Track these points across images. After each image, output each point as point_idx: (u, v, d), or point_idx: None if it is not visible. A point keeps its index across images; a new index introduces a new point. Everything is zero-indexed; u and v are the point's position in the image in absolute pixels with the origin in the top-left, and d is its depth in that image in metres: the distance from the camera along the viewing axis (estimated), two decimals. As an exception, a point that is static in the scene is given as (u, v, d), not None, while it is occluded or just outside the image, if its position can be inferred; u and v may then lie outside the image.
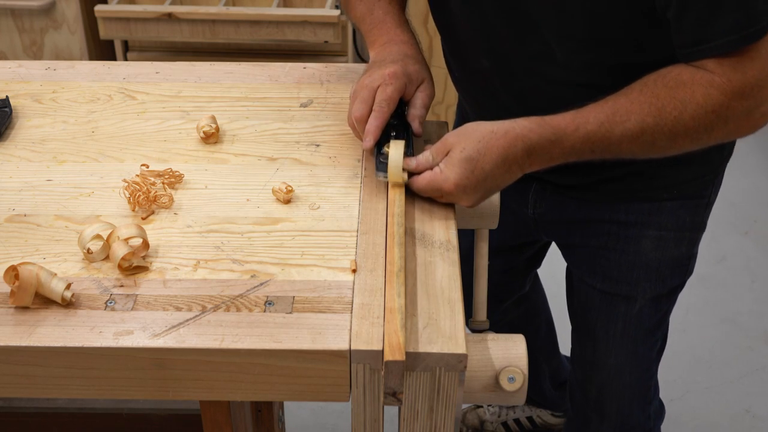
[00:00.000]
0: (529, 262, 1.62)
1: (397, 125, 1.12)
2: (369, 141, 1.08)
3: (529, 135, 1.02)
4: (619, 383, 1.41)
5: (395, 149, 1.06)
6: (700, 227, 1.29)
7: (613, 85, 1.05)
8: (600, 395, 1.44)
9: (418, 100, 1.14)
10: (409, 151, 1.09)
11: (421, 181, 1.05)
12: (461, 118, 1.48)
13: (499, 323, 1.68)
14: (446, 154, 1.04)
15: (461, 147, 1.03)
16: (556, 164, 1.05)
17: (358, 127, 1.11)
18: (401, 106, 1.14)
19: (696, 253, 1.32)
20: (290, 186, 1.09)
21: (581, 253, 1.34)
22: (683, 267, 1.31)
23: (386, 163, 1.07)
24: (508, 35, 1.13)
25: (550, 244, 1.57)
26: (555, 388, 1.87)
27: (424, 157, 1.06)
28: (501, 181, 1.04)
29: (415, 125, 1.13)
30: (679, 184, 1.23)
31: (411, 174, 1.06)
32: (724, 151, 1.24)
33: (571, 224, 1.32)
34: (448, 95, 2.67)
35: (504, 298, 1.66)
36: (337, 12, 2.29)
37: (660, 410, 1.53)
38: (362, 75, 1.14)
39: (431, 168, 1.05)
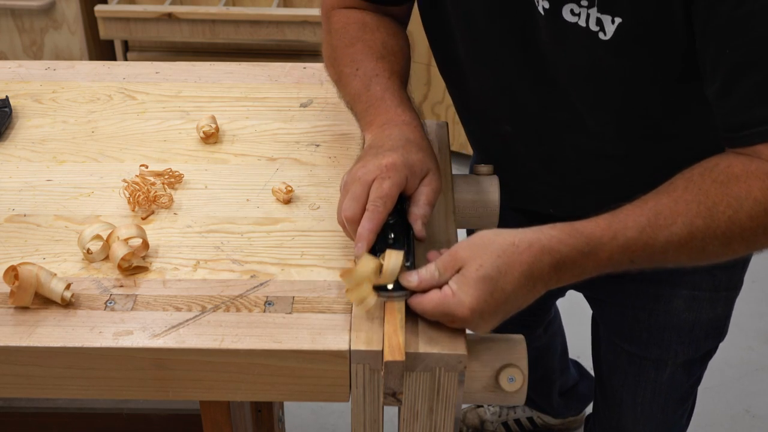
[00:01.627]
0: (558, 294, 1.57)
1: (395, 226, 0.93)
2: (361, 247, 0.89)
3: (558, 247, 0.85)
4: None
5: (393, 260, 0.88)
6: (736, 286, 1.20)
7: (646, 155, 0.98)
8: None
9: (422, 195, 0.94)
10: (410, 260, 0.91)
11: (427, 303, 0.86)
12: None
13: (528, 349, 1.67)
14: (457, 271, 0.86)
15: (477, 263, 0.84)
16: (588, 277, 0.89)
17: (348, 228, 0.93)
18: (401, 202, 0.95)
19: (731, 313, 1.22)
20: (290, 186, 1.09)
21: (608, 310, 1.26)
22: (718, 329, 1.22)
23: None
24: (534, 102, 1.04)
25: None
26: (561, 396, 1.86)
27: (429, 272, 0.87)
28: (522, 302, 0.87)
29: (417, 227, 0.93)
30: None
31: (412, 292, 0.88)
32: None
33: (598, 279, 1.25)
34: (447, 95, 2.66)
35: (536, 327, 1.63)
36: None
37: None
38: (355, 163, 0.96)
39: (438, 286, 0.86)
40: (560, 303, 1.84)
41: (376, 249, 0.91)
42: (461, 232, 1.09)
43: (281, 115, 1.26)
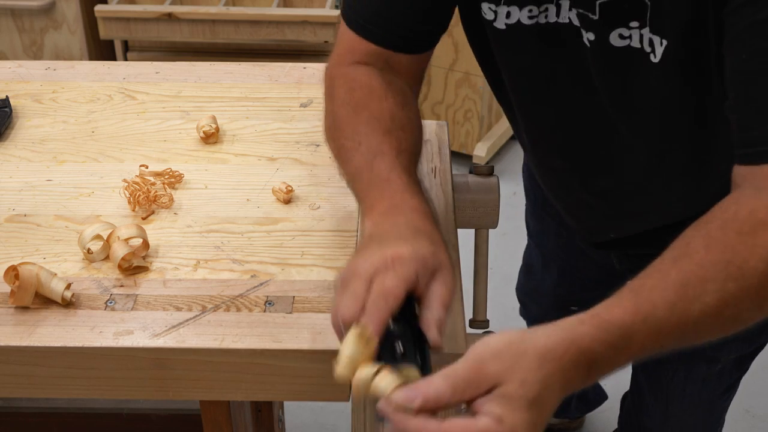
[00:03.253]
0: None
1: (404, 335, 0.76)
2: None
3: (593, 346, 0.72)
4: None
5: (384, 382, 0.70)
6: None
7: (702, 183, 0.97)
8: None
9: (435, 297, 0.78)
10: (426, 371, 0.74)
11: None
12: (530, 180, 1.35)
13: None
14: (489, 390, 0.69)
15: (520, 380, 0.69)
16: (616, 371, 0.76)
17: (345, 332, 0.75)
18: (411, 306, 0.78)
19: None
20: (290, 186, 1.09)
21: None
22: None
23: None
24: (585, 136, 1.01)
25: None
26: (577, 398, 1.85)
27: (439, 388, 0.69)
28: (555, 408, 0.73)
29: (433, 334, 0.76)
30: None
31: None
32: None
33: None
34: (448, 95, 2.67)
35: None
36: (337, 12, 2.29)
37: None
38: (354, 255, 0.83)
39: (457, 407, 0.70)
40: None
41: (382, 356, 0.74)
42: (461, 232, 1.09)
43: (281, 115, 1.26)
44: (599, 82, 0.95)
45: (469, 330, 0.93)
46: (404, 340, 0.75)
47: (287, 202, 1.08)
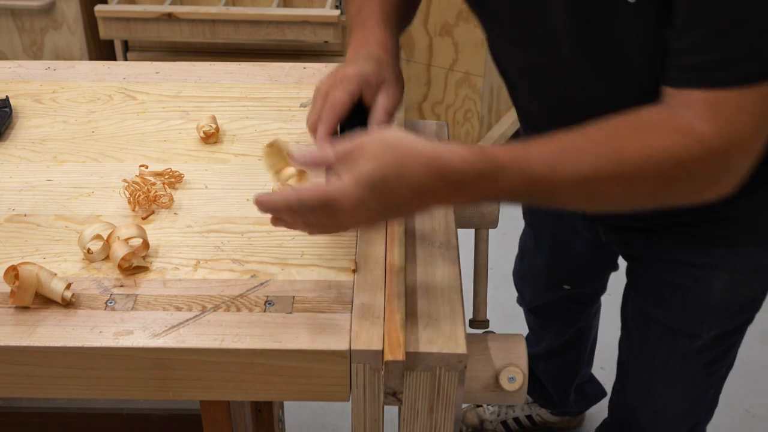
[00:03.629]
0: (610, 270, 1.60)
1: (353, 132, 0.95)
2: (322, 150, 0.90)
3: (460, 165, 0.83)
4: (674, 410, 1.37)
5: (293, 179, 0.98)
6: None
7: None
8: (654, 420, 1.40)
9: (379, 105, 1.01)
10: None
11: (312, 187, 0.84)
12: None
13: (571, 329, 1.71)
14: (353, 161, 0.84)
15: (373, 163, 0.83)
16: (486, 201, 0.92)
17: (312, 136, 1.01)
18: (363, 112, 1.02)
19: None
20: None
21: (647, 284, 1.28)
22: (754, 304, 1.25)
23: None
24: (555, 80, 1.05)
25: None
26: (575, 392, 1.87)
27: (329, 152, 0.86)
28: (406, 210, 0.87)
29: None
30: (759, 229, 1.14)
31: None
32: None
33: (640, 258, 1.25)
34: (448, 95, 2.67)
35: (592, 303, 1.67)
36: (337, 12, 2.29)
37: (705, 423, 1.48)
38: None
39: (325, 165, 0.87)
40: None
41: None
42: (461, 232, 1.10)
43: (281, 115, 1.26)
44: (574, 22, 0.95)
45: (469, 330, 0.93)
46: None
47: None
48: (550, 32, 0.98)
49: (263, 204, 0.86)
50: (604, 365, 1.97)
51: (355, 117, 1.01)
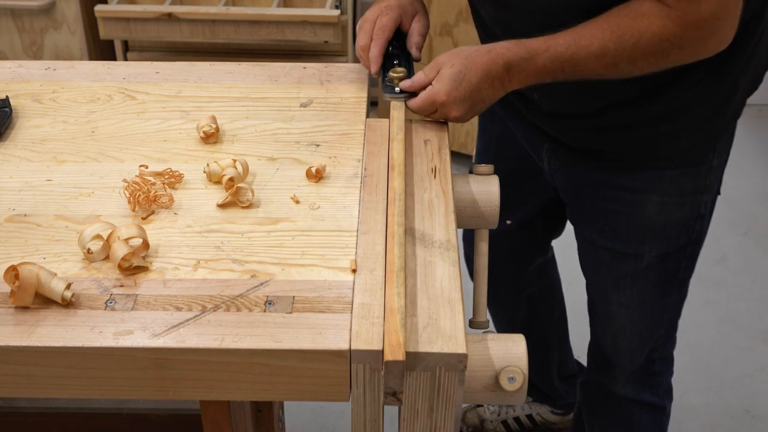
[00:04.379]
0: (549, 225, 1.68)
1: (398, 54, 1.29)
2: (374, 67, 1.26)
3: (507, 53, 1.14)
4: (631, 331, 1.49)
5: (397, 107, 1.22)
6: (702, 191, 1.34)
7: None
8: (614, 344, 1.52)
9: (414, 29, 1.31)
10: (410, 74, 1.24)
11: (418, 99, 1.19)
12: (481, 152, 1.61)
13: (521, 295, 1.77)
14: (438, 72, 1.17)
15: (450, 63, 1.16)
16: (534, 82, 1.16)
17: (362, 55, 1.28)
18: (402, 37, 1.31)
19: (704, 213, 1.37)
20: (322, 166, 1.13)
21: (591, 215, 1.41)
22: (689, 228, 1.37)
23: (392, 86, 1.22)
24: (521, 15, 1.22)
25: (565, 217, 1.59)
26: (561, 380, 1.87)
27: (418, 76, 1.20)
28: (486, 95, 1.17)
29: (414, 51, 1.29)
30: (680, 153, 1.29)
31: (409, 97, 1.21)
32: (726, 116, 1.28)
33: (581, 186, 1.40)
34: (448, 95, 2.67)
35: (527, 259, 1.73)
36: (337, 12, 2.29)
37: (670, 360, 1.62)
38: (365, 13, 1.32)
39: (425, 86, 1.19)
40: (566, 299, 1.84)
41: (387, 67, 1.26)
42: (461, 232, 1.10)
43: (281, 115, 1.26)
44: None
45: (469, 330, 0.93)
46: (398, 56, 1.29)
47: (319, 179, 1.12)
48: None
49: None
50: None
51: (394, 39, 1.30)
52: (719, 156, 1.32)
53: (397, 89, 1.22)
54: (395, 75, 1.23)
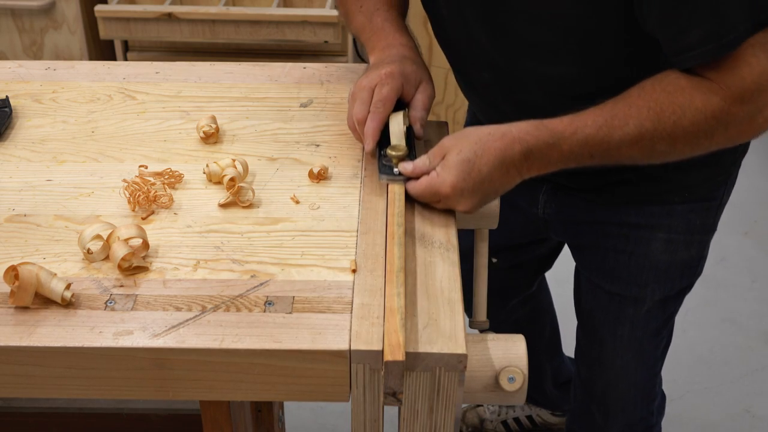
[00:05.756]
0: (539, 263, 1.62)
1: (398, 128, 1.12)
2: (369, 144, 1.09)
3: (527, 138, 1.00)
4: (625, 382, 1.41)
5: (395, 120, 1.08)
6: (710, 229, 1.28)
7: (616, 93, 1.03)
8: (605, 393, 1.44)
9: (418, 101, 1.12)
10: (411, 155, 1.08)
11: (418, 185, 1.04)
12: (471, 124, 1.47)
13: (505, 322, 1.69)
14: (443, 158, 1.03)
15: (458, 149, 1.01)
16: (556, 169, 1.03)
17: (358, 128, 1.11)
18: (401, 107, 1.13)
19: (706, 254, 1.32)
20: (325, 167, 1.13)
21: (590, 254, 1.34)
22: (693, 269, 1.31)
23: (389, 166, 1.07)
24: (500, 53, 1.13)
25: (561, 246, 1.56)
26: (556, 388, 1.87)
27: (421, 160, 1.05)
28: (499, 185, 1.03)
29: (417, 127, 1.12)
30: (691, 187, 1.22)
31: (408, 178, 1.06)
32: (737, 152, 1.24)
33: (580, 225, 1.32)
34: (447, 95, 2.67)
35: (510, 295, 1.66)
36: (337, 12, 2.29)
37: (662, 405, 1.54)
38: (360, 77, 1.14)
39: (428, 172, 1.04)
40: (556, 302, 1.84)
41: (383, 144, 1.09)
42: (461, 232, 1.10)
43: (281, 115, 1.26)
44: (511, 2, 1.06)
45: (468, 330, 0.93)
46: (398, 128, 1.10)
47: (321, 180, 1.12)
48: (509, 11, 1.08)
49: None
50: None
51: (394, 110, 1.12)
52: (728, 193, 1.26)
53: (395, 170, 1.07)
54: (394, 154, 1.07)
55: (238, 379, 0.90)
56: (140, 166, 1.13)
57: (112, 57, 2.51)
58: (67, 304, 0.93)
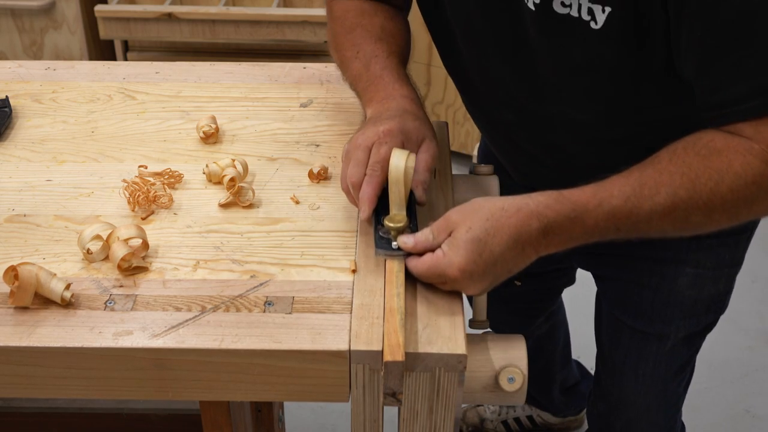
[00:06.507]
0: (565, 283, 1.60)
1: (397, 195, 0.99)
2: (365, 212, 0.95)
3: (545, 212, 0.89)
4: (647, 421, 1.35)
5: (397, 157, 0.95)
6: (738, 262, 1.22)
7: (643, 139, 0.99)
8: (627, 429, 1.38)
9: (420, 162, 0.98)
10: (412, 226, 0.97)
11: (421, 265, 0.92)
12: (483, 156, 1.42)
13: (529, 338, 1.67)
14: (449, 234, 0.91)
15: (467, 226, 0.89)
16: (577, 245, 0.92)
17: (353, 192, 0.98)
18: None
19: (732, 288, 1.24)
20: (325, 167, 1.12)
21: (614, 287, 1.27)
22: (719, 304, 1.24)
23: (387, 239, 0.95)
24: (527, 95, 1.06)
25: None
26: (562, 393, 1.87)
27: (424, 235, 0.92)
28: (513, 266, 0.90)
29: (418, 192, 0.97)
30: None
31: (409, 254, 0.94)
32: None
33: (604, 257, 1.24)
34: (448, 95, 2.67)
35: (536, 315, 1.65)
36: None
37: None
38: (355, 133, 1.01)
39: (432, 249, 0.92)
40: (564, 299, 1.84)
41: (380, 211, 0.97)
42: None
43: (281, 115, 1.26)
44: (541, 43, 0.99)
45: (468, 330, 0.93)
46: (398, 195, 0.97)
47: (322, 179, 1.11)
48: (527, 51, 1.01)
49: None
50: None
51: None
52: (756, 223, 1.17)
53: (394, 244, 0.95)
54: (392, 225, 0.95)
55: (237, 379, 0.90)
56: (140, 166, 1.13)
57: (112, 57, 2.51)
58: (67, 305, 0.93)
